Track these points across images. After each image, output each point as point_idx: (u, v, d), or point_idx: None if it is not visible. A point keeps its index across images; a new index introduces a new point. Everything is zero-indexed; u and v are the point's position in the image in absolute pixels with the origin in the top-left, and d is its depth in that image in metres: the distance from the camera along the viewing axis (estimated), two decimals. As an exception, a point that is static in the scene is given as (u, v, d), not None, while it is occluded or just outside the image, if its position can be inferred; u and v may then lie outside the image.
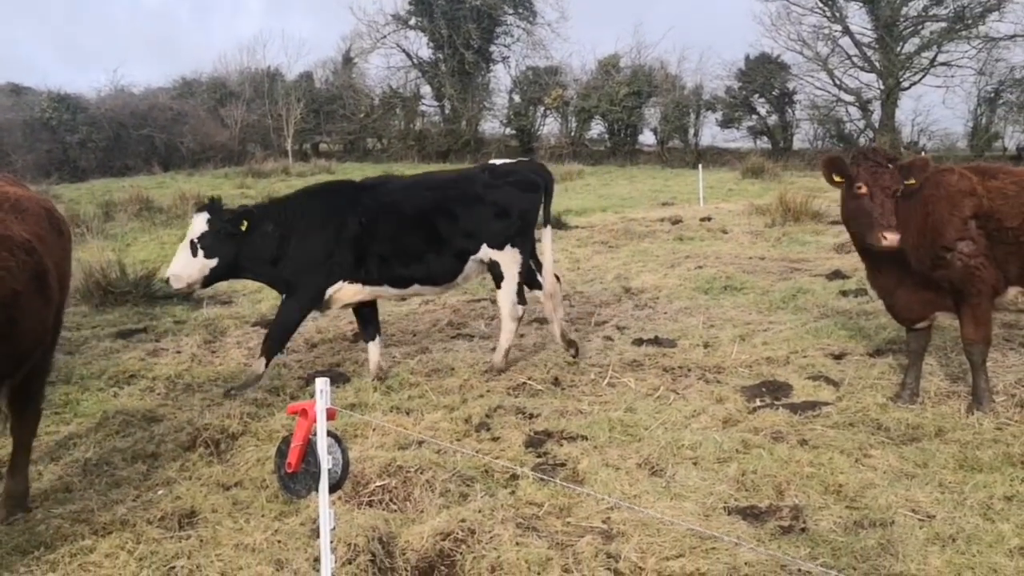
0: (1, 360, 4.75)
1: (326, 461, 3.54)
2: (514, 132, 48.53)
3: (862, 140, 42.48)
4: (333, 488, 3.62)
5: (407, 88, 49.02)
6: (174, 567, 4.62)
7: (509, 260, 7.94)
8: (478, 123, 48.36)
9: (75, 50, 77.53)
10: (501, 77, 49.70)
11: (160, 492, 5.60)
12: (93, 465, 6.11)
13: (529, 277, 8.24)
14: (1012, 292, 6.52)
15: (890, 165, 6.36)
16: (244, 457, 6.11)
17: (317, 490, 3.57)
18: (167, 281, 7.63)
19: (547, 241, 8.31)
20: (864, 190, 6.33)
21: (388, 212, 7.69)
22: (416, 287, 7.89)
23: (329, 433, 3.59)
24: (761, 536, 4.78)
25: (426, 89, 49.72)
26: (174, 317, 10.46)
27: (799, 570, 4.31)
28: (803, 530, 4.83)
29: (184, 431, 6.58)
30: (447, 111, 48.43)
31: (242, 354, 8.85)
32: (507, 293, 7.97)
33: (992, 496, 5.09)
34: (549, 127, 48.39)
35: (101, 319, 10.45)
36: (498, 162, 8.49)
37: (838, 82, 43.28)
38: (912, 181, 6.35)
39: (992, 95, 41.91)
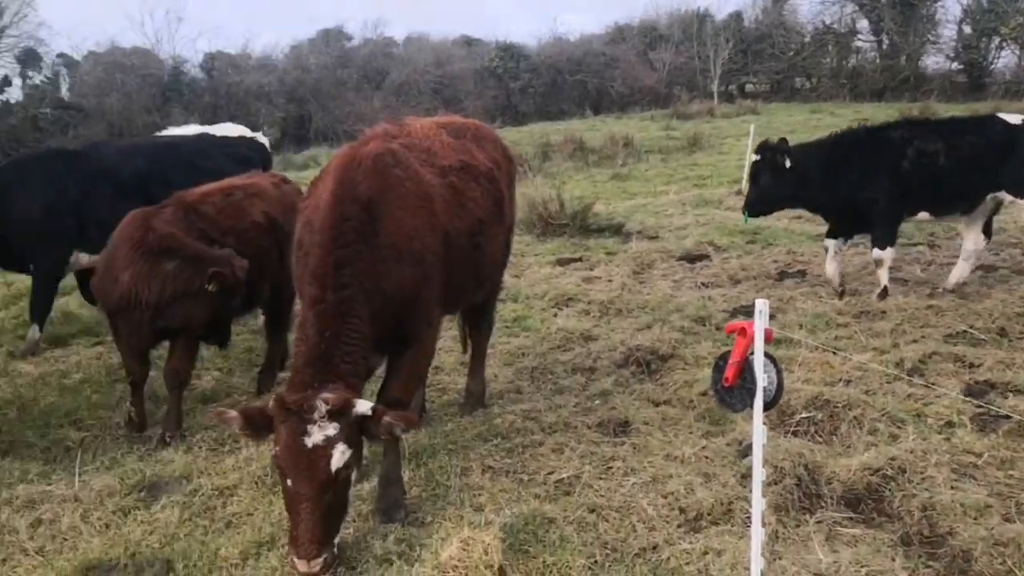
0: (467, 280, 5.24)
1: (762, 379, 3.67)
2: (961, 67, 43.85)
3: None
4: (767, 406, 3.74)
5: (842, 23, 46.30)
6: (611, 467, 5.08)
7: None
8: (919, 58, 44.35)
9: (518, 2, 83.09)
10: (950, 7, 44.91)
11: (597, 402, 6.13)
12: (539, 373, 6.85)
13: None
14: None
15: None
16: (673, 378, 6.45)
17: (751, 406, 3.71)
18: None
19: None
20: None
21: None
22: None
23: (765, 354, 3.70)
24: None
25: (863, 24, 46.59)
26: (606, 249, 11.14)
27: None
28: None
29: (617, 350, 7.10)
30: (884, 46, 45.02)
31: (667, 285, 9.24)
32: None
33: None
34: (1005, 61, 43.01)
35: (542, 247, 11.46)
36: None
37: None
38: None
39: None
